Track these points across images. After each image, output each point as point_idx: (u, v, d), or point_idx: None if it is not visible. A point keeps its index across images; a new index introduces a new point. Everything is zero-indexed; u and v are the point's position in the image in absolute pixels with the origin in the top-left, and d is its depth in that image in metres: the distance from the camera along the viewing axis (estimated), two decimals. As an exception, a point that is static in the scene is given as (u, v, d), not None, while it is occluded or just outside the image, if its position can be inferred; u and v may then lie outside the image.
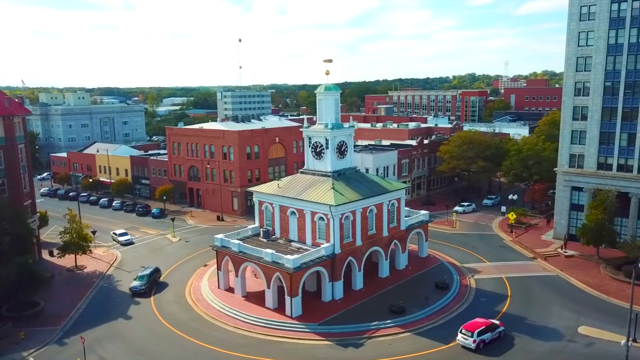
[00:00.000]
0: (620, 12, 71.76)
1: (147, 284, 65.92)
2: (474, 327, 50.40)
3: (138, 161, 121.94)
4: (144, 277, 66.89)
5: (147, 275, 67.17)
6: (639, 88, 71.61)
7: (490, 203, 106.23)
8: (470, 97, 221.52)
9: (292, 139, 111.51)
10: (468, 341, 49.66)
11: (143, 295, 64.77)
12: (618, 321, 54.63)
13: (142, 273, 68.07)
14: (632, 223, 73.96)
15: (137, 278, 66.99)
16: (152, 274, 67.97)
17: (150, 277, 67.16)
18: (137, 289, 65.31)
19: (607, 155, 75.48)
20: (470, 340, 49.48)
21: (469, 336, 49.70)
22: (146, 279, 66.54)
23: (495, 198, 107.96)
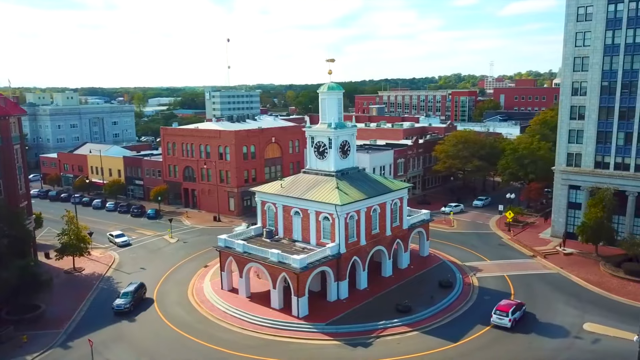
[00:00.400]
0: (617, 12, 72.68)
1: (132, 302, 59.78)
2: (507, 307, 54.85)
3: (131, 162, 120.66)
4: (128, 294, 60.62)
5: (132, 292, 60.92)
6: (635, 88, 72.57)
7: (481, 204, 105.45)
8: (460, 97, 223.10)
9: (288, 138, 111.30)
10: (504, 320, 53.87)
11: (127, 315, 58.20)
12: (622, 317, 55.39)
13: (126, 289, 61.87)
14: (629, 221, 75.00)
15: (120, 295, 60.76)
16: (137, 290, 61.85)
17: (135, 294, 60.95)
18: (120, 307, 58.77)
19: (604, 154, 76.41)
20: (506, 319, 53.77)
21: (505, 316, 53.99)
22: (131, 296, 60.26)
23: (485, 199, 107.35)
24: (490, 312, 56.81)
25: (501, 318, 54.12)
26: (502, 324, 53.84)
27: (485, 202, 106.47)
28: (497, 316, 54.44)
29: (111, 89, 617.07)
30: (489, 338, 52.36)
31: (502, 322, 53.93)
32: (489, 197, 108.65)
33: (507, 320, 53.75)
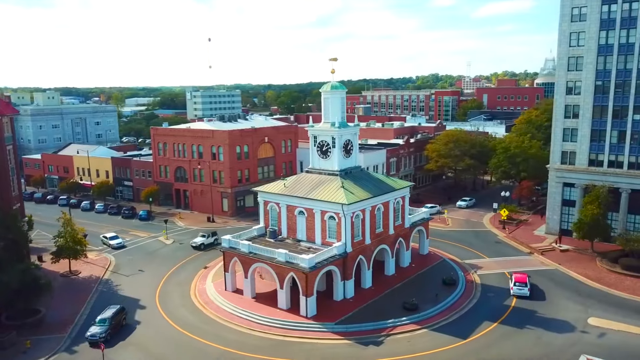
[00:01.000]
0: (611, 13, 74.25)
1: (109, 330, 52.31)
2: (524, 279, 62.64)
3: (120, 162, 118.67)
4: (105, 320, 53.08)
5: (109, 318, 53.55)
6: (628, 87, 74.23)
7: (465, 205, 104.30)
8: (444, 97, 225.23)
9: (281, 138, 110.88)
10: (524, 290, 61.16)
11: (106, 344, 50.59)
12: (624, 312, 56.69)
13: (103, 315, 54.11)
14: (623, 217, 76.69)
15: (96, 322, 53.28)
16: (116, 316, 54.55)
17: (113, 321, 53.60)
18: (95, 337, 51.17)
19: (598, 152, 77.97)
20: (525, 289, 61.21)
21: (524, 286, 61.47)
22: (108, 323, 52.89)
23: (469, 200, 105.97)
24: (497, 309, 57.83)
25: (521, 289, 61.27)
26: (522, 294, 60.90)
27: (469, 203, 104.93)
28: (517, 287, 61.39)
29: (86, 89, 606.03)
30: (497, 334, 52.92)
31: (522, 292, 60.97)
32: (473, 199, 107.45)
33: (526, 290, 61.09)
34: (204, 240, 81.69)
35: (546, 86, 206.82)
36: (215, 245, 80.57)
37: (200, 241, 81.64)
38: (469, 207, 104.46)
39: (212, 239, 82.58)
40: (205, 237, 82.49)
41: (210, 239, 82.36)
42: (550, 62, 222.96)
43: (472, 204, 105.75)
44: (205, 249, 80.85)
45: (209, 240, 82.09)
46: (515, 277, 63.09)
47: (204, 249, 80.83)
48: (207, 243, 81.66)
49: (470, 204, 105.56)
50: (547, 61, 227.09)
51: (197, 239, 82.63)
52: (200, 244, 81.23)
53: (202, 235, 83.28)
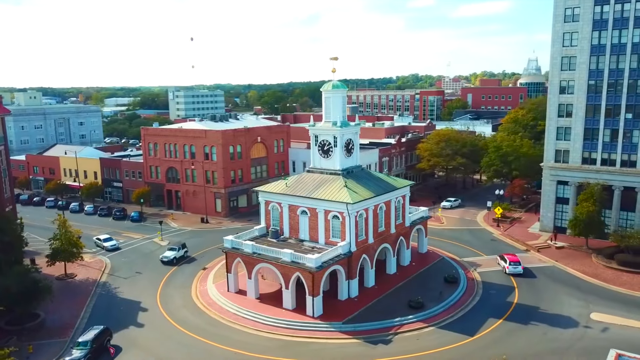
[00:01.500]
0: (603, 14, 75.67)
1: (89, 354, 47.50)
2: (517, 258, 69.39)
3: (109, 163, 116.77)
4: (86, 343, 48.22)
5: (91, 340, 48.59)
6: (621, 86, 75.77)
7: (449, 206, 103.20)
8: (429, 97, 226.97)
9: (273, 138, 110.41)
10: (518, 269, 67.71)
11: None
12: (625, 307, 57.84)
13: (84, 338, 49.19)
14: (615, 214, 78.19)
15: (75, 345, 48.81)
16: (98, 338, 49.64)
17: (95, 343, 48.61)
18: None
19: (591, 150, 79.40)
20: (519, 267, 67.81)
21: (518, 265, 68.10)
22: (89, 346, 47.97)
23: (454, 200, 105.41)
24: (500, 306, 58.56)
25: (516, 267, 67.90)
26: (517, 272, 67.45)
27: (454, 203, 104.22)
28: (513, 266, 67.87)
29: (61, 89, 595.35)
30: (503, 331, 53.45)
31: (517, 270, 67.59)
32: (459, 199, 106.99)
33: (520, 268, 67.73)
34: (176, 254, 75.49)
35: (529, 86, 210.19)
36: (185, 257, 76.73)
37: (172, 255, 75.19)
38: (454, 207, 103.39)
39: (183, 251, 76.84)
40: (176, 250, 76.18)
41: (180, 251, 76.32)
42: (533, 62, 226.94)
43: (457, 204, 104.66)
44: (178, 262, 75.01)
45: (180, 253, 76.08)
46: (509, 258, 69.28)
47: (177, 263, 74.80)
48: (179, 256, 75.92)
49: (455, 204, 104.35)
50: (530, 61, 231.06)
51: (168, 253, 75.75)
52: (172, 258, 74.77)
53: (171, 249, 76.80)
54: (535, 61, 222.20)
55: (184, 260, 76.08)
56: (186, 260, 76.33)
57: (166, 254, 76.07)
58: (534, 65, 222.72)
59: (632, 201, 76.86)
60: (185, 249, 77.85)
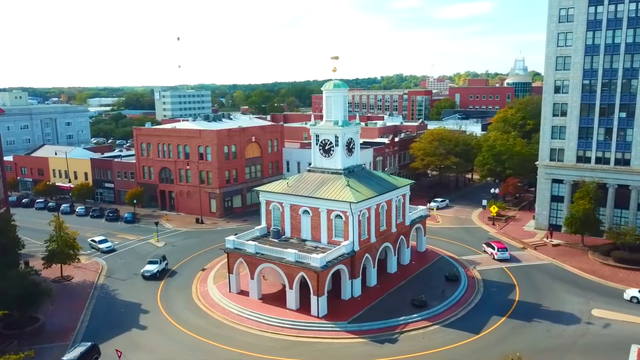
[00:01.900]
0: (597, 14, 76.67)
1: None
2: (503, 246, 75.22)
3: (100, 164, 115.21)
4: None
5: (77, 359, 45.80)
6: (614, 86, 76.84)
7: (436, 207, 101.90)
8: (417, 97, 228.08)
9: (267, 138, 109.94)
10: (505, 254, 73.08)
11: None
12: (623, 303, 58.82)
13: (69, 356, 46.39)
14: (610, 211, 79.31)
15: None
16: (85, 356, 46.54)
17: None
18: None
19: (585, 148, 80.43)
20: (506, 253, 73.28)
21: (505, 251, 73.65)
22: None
23: (442, 201, 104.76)
24: (502, 304, 59.07)
25: (503, 253, 73.31)
26: (504, 257, 72.66)
27: (440, 204, 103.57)
28: (501, 253, 73.18)
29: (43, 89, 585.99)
30: (508, 328, 53.85)
31: (504, 256, 72.85)
32: (446, 200, 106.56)
33: (507, 254, 73.24)
34: (158, 267, 69.52)
35: (517, 86, 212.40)
36: (167, 270, 71.41)
37: (155, 269, 69.00)
38: (440, 208, 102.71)
39: (164, 264, 71.22)
40: (158, 263, 70.34)
41: (162, 264, 70.60)
42: (519, 62, 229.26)
43: (444, 205, 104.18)
44: (161, 276, 69.30)
45: (162, 266, 70.37)
46: (497, 245, 74.92)
47: (160, 277, 69.10)
48: (161, 269, 70.24)
49: (443, 205, 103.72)
50: (517, 61, 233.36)
51: (149, 267, 69.42)
52: (155, 272, 68.73)
53: (152, 262, 70.52)
54: (522, 61, 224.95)
55: (167, 274, 70.22)
56: (168, 273, 70.53)
57: (147, 267, 69.45)
58: (521, 65, 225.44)
59: (626, 199, 78.02)
60: (165, 262, 71.78)
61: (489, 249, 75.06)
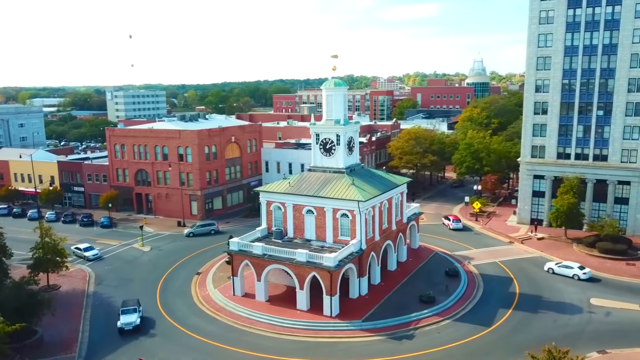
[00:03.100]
0: (576, 17, 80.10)
1: None
2: (457, 217, 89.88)
3: (68, 166, 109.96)
4: None
5: None
6: (592, 85, 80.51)
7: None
8: (379, 97, 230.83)
9: (247, 138, 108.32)
10: (459, 224, 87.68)
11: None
12: (616, 291, 61.80)
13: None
14: (589, 205, 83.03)
15: None
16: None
17: None
18: None
19: (565, 145, 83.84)
20: (460, 224, 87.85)
21: (459, 222, 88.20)
22: None
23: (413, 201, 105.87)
24: (505, 296, 60.75)
25: (457, 223, 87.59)
26: (458, 227, 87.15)
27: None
28: (455, 223, 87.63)
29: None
30: (516, 320, 55.31)
31: (458, 226, 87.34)
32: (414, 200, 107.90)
33: (460, 224, 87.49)
34: (138, 315, 54.55)
35: (476, 86, 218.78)
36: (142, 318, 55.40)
37: (136, 318, 54.05)
38: None
39: (140, 308, 56.10)
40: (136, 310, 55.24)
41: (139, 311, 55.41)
42: (478, 62, 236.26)
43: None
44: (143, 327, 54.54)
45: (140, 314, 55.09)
46: (452, 217, 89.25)
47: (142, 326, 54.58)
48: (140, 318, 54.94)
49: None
50: (476, 62, 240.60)
51: (128, 318, 53.71)
52: (137, 322, 53.89)
53: (128, 311, 54.64)
54: (480, 62, 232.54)
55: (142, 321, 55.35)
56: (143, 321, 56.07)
57: (125, 319, 53.54)
58: (480, 66, 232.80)
59: (603, 193, 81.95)
60: (140, 306, 56.89)
61: (446, 221, 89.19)
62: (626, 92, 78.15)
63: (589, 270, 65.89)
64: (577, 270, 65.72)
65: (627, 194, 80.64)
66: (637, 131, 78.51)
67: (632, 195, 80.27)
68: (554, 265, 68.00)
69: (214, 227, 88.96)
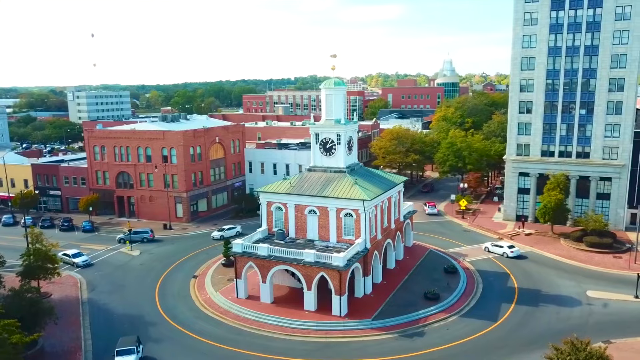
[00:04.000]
0: (559, 18, 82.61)
1: None
2: (432, 203, 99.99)
3: (44, 169, 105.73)
4: None
5: None
6: (575, 85, 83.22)
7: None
8: (350, 97, 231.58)
9: (230, 138, 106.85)
10: (434, 210, 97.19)
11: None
12: (609, 283, 64.18)
13: None
14: (572, 201, 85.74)
15: None
16: None
17: None
18: None
19: (549, 143, 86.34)
20: (435, 209, 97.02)
21: (434, 207, 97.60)
22: None
23: None
24: (505, 292, 62.06)
25: (432, 209, 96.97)
26: (433, 212, 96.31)
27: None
28: (430, 209, 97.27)
29: None
30: (520, 314, 56.57)
31: (433, 211, 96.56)
32: None
33: (435, 210, 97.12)
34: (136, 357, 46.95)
35: (446, 86, 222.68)
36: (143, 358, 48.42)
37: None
38: None
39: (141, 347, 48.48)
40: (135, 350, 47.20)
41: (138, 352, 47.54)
42: (448, 63, 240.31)
43: None
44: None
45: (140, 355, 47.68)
46: (428, 203, 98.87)
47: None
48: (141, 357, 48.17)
49: None
50: (445, 62, 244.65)
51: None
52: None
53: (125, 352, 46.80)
54: (450, 62, 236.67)
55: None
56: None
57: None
58: (449, 66, 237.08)
59: (586, 189, 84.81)
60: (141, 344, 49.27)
61: (424, 207, 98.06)
62: (607, 92, 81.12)
63: (517, 250, 74.45)
64: (506, 249, 74.63)
65: (609, 190, 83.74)
66: (618, 129, 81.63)
67: (613, 190, 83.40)
68: (490, 245, 76.99)
69: (147, 235, 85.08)
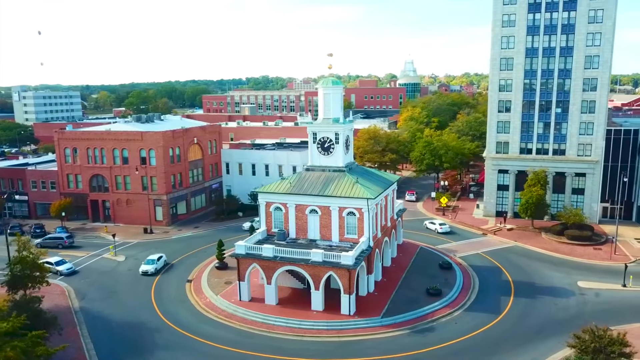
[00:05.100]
0: (535, 20, 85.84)
1: None
2: (413, 191, 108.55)
3: (9, 173, 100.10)
4: None
5: None
6: (551, 85, 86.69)
7: None
8: (314, 97, 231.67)
9: (207, 139, 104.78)
10: (412, 197, 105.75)
11: None
12: (596, 273, 67.43)
13: None
14: (549, 196, 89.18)
15: None
16: None
17: None
18: None
19: (527, 141, 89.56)
20: (413, 197, 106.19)
21: (414, 194, 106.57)
22: None
23: None
24: (501, 286, 63.83)
25: (411, 196, 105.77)
26: (412, 199, 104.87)
27: None
28: (409, 195, 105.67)
29: None
30: (521, 306, 58.35)
31: (412, 198, 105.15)
32: None
33: (414, 197, 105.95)
34: None
35: (407, 86, 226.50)
36: None
37: None
38: None
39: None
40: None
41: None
42: (409, 64, 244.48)
43: None
44: None
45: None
46: (408, 192, 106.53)
47: None
48: None
49: None
50: (407, 63, 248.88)
51: None
52: None
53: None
54: (411, 63, 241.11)
55: None
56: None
57: None
58: (410, 67, 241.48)
59: (562, 185, 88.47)
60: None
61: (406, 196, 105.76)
62: (581, 91, 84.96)
63: (446, 226, 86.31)
64: (437, 226, 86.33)
65: (583, 185, 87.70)
66: (591, 127, 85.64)
67: (587, 185, 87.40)
68: (427, 222, 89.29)
69: (62, 242, 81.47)
